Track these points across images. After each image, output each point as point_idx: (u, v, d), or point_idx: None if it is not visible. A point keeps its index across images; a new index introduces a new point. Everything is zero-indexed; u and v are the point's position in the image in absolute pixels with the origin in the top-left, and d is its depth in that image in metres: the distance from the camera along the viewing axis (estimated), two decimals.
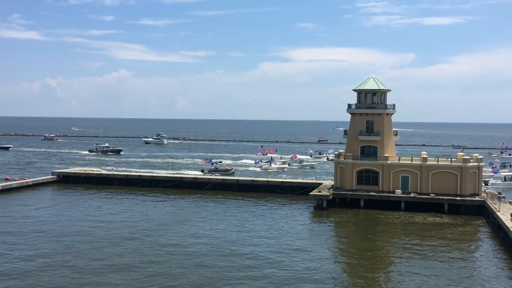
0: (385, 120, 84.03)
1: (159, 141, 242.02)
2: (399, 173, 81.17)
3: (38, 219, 68.76)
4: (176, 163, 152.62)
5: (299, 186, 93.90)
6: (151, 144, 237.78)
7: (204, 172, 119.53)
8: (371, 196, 79.42)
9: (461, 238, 61.74)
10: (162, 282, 43.95)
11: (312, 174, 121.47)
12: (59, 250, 53.41)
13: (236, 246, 55.86)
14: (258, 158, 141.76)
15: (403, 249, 56.29)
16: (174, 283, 44.00)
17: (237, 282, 44.50)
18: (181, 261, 49.92)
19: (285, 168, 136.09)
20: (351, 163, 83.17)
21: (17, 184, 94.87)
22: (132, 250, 53.70)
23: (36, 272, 46.05)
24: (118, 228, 63.63)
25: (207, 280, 44.75)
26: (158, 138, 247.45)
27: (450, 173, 79.08)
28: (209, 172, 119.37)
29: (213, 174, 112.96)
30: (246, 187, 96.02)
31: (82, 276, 45.28)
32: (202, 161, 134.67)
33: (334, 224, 69.98)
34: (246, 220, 69.93)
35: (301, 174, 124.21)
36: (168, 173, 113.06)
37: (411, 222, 70.22)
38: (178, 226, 65.71)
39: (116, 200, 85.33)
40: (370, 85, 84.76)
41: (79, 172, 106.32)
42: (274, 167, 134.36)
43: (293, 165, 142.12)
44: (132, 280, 44.32)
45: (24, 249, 53.35)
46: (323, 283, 44.71)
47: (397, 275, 47.41)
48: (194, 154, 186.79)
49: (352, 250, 57.14)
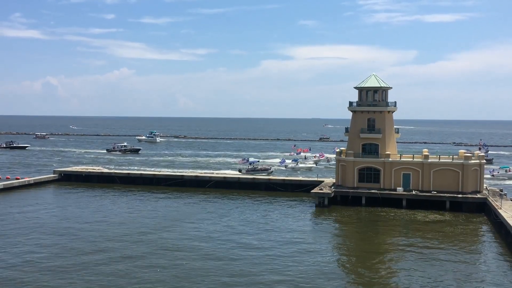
0: (387, 117, 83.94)
1: (152, 139, 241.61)
2: (401, 171, 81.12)
3: (38, 217, 68.84)
4: (202, 161, 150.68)
5: (301, 184, 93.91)
6: (143, 142, 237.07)
7: (242, 172, 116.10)
8: (372, 193, 79.41)
9: (463, 236, 61.72)
10: (165, 279, 44.05)
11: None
12: (60, 248, 53.49)
13: (237, 244, 55.87)
14: (292, 158, 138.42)
15: (405, 247, 56.28)
16: (176, 283, 44.07)
17: (239, 280, 44.55)
18: (182, 259, 49.99)
19: (312, 167, 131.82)
20: (352, 161, 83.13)
21: (19, 183, 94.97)
22: (135, 247, 53.76)
23: (37, 271, 46.14)
24: (119, 226, 63.68)
25: (209, 276, 44.81)
26: (151, 136, 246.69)
27: (452, 171, 79.01)
28: (247, 172, 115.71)
29: (252, 174, 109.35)
30: (248, 185, 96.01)
31: (83, 274, 45.36)
32: (240, 161, 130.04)
33: (336, 222, 69.99)
34: (247, 218, 69.96)
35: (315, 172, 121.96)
36: (170, 171, 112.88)
37: (412, 220, 70.21)
38: (179, 224, 65.73)
39: (118, 198, 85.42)
40: (371, 82, 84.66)
41: (80, 171, 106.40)
42: (301, 166, 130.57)
43: (320, 164, 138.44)
44: (135, 278, 44.44)
45: (24, 248, 53.43)
46: (325, 280, 44.72)
47: (398, 273, 47.41)
48: (198, 152, 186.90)
49: (354, 248, 57.16)
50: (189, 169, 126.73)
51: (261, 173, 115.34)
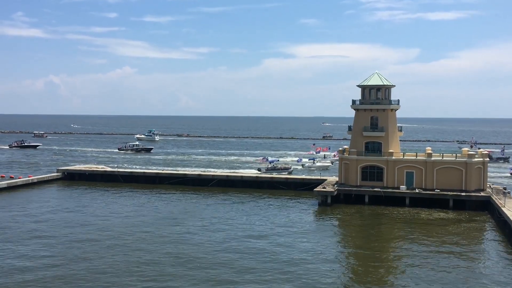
0: (390, 115, 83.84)
1: (151, 138, 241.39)
2: (404, 169, 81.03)
3: (41, 216, 68.94)
4: (217, 160, 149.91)
5: (303, 182, 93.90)
6: (143, 140, 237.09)
7: (262, 171, 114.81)
8: (375, 192, 79.33)
9: (466, 234, 61.65)
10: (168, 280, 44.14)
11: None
12: (63, 248, 53.60)
13: (240, 243, 55.89)
14: (312, 156, 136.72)
15: (408, 246, 56.24)
16: (179, 283, 44.17)
17: (243, 278, 44.58)
18: (186, 259, 50.07)
19: (329, 166, 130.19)
20: (355, 159, 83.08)
21: (22, 182, 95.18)
22: (138, 246, 53.86)
23: (42, 270, 46.28)
24: (123, 225, 63.77)
25: (215, 276, 44.87)
26: (150, 135, 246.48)
27: (455, 169, 78.89)
28: (266, 171, 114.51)
29: (271, 173, 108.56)
30: (250, 183, 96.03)
31: (89, 272, 45.48)
32: (260, 160, 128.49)
33: (339, 220, 69.98)
34: (250, 217, 69.97)
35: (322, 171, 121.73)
36: (172, 170, 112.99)
37: (416, 218, 70.15)
38: (183, 222, 65.73)
39: (121, 197, 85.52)
40: (374, 80, 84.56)
41: (84, 169, 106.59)
42: (317, 165, 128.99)
43: (336, 163, 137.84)
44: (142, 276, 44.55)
45: (26, 248, 53.57)
46: (328, 278, 44.73)
47: (402, 272, 47.38)
48: (211, 151, 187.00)
49: (357, 246, 57.10)
50: (209, 168, 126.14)
51: (281, 172, 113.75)
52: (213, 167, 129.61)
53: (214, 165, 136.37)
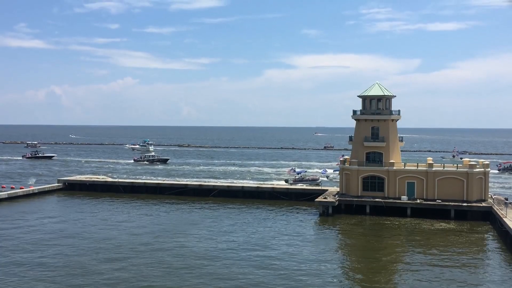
0: (390, 126, 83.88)
1: (145, 148, 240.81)
2: (405, 179, 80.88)
3: (41, 226, 68.82)
4: (236, 171, 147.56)
5: (304, 192, 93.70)
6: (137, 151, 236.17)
7: (289, 182, 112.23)
8: (376, 202, 79.14)
9: (468, 245, 61.36)
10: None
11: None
12: (63, 258, 53.46)
13: (241, 253, 55.69)
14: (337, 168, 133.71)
15: (410, 256, 55.98)
16: None
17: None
18: (186, 269, 49.88)
19: None
20: (356, 169, 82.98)
21: (23, 192, 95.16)
22: (137, 257, 53.69)
23: (38, 280, 46.10)
24: (125, 235, 63.61)
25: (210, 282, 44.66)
26: (144, 145, 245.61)
27: (456, 179, 78.72)
28: (294, 182, 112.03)
29: (299, 184, 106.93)
30: (251, 193, 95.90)
31: (89, 283, 45.29)
32: (288, 171, 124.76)
33: (340, 231, 69.73)
34: (251, 227, 69.76)
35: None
36: (173, 181, 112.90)
37: (417, 229, 69.88)
38: (184, 233, 65.56)
39: (122, 208, 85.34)
40: (375, 91, 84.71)
41: (84, 180, 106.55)
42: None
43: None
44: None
45: (27, 257, 53.43)
46: None
47: (404, 282, 47.11)
48: (227, 162, 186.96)
49: (358, 257, 56.87)
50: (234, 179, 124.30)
51: (310, 183, 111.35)
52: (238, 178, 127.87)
53: (239, 176, 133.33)
